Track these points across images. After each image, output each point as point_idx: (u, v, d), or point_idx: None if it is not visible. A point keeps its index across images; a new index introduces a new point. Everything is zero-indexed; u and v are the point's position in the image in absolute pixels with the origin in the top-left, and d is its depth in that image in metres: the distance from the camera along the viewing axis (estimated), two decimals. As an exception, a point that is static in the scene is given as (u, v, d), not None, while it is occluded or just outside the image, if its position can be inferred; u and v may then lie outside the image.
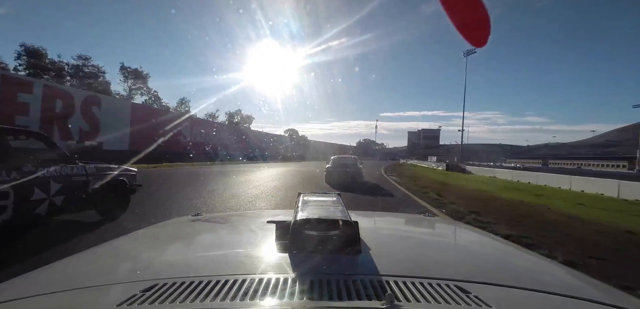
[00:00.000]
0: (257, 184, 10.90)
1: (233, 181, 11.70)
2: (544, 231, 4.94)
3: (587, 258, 3.61)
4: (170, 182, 10.82)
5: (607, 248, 4.16)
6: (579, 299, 0.63)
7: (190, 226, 1.25)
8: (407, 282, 0.62)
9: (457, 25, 0.78)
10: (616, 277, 3.02)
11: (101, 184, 4.37)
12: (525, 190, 12.01)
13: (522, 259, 0.98)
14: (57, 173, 3.74)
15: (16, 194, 3.22)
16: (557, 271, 0.87)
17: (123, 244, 1.03)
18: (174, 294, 0.57)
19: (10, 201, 3.16)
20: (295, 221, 0.80)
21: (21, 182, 3.28)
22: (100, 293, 0.62)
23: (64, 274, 0.77)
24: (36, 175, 3.44)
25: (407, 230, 1.34)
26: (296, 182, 12.41)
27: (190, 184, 10.29)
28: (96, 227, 4.09)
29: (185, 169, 17.96)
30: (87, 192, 4.16)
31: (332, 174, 11.25)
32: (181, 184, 10.45)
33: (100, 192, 4.34)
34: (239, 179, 12.48)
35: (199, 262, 0.83)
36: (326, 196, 1.16)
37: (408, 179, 15.21)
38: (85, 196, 4.13)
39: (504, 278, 0.73)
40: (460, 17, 0.80)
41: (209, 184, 10.43)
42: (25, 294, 0.62)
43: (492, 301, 0.56)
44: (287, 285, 0.60)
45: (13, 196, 3.18)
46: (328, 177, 11.33)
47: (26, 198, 3.36)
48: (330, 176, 11.28)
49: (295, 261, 0.72)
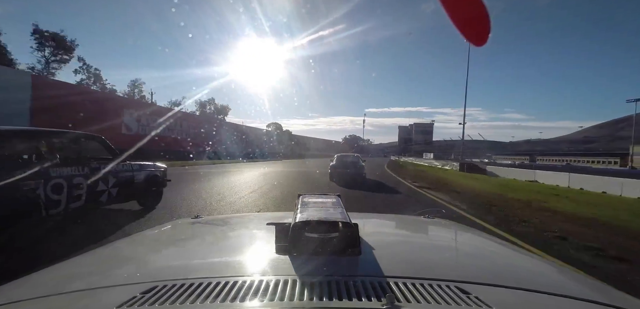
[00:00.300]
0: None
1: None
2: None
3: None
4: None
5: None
6: (580, 300, 0.63)
7: (190, 228, 1.23)
8: (407, 283, 0.62)
9: (457, 23, 0.76)
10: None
11: (142, 179, 5.20)
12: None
13: (523, 260, 0.98)
14: (112, 169, 4.46)
15: (88, 187, 3.97)
16: (557, 273, 0.87)
17: (123, 246, 1.04)
18: (174, 296, 0.57)
19: (84, 192, 3.92)
20: (295, 223, 0.78)
21: (92, 177, 4.04)
22: (100, 295, 0.62)
23: (64, 277, 0.77)
24: (101, 171, 4.22)
25: (407, 231, 1.31)
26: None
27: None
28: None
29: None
30: (132, 185, 4.98)
31: (336, 169, 11.65)
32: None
33: (141, 186, 5.19)
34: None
35: (199, 264, 0.82)
36: (326, 198, 1.12)
37: (440, 191, 10.15)
38: (131, 189, 4.96)
39: (504, 279, 0.72)
40: (460, 15, 0.78)
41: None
42: (25, 297, 0.62)
43: (492, 302, 0.56)
44: (287, 286, 0.59)
45: (85, 188, 3.94)
46: (332, 174, 11.70)
47: (94, 189, 4.12)
48: (334, 171, 11.65)
49: (295, 262, 0.72)
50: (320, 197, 1.13)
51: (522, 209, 7.39)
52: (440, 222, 1.40)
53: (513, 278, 0.76)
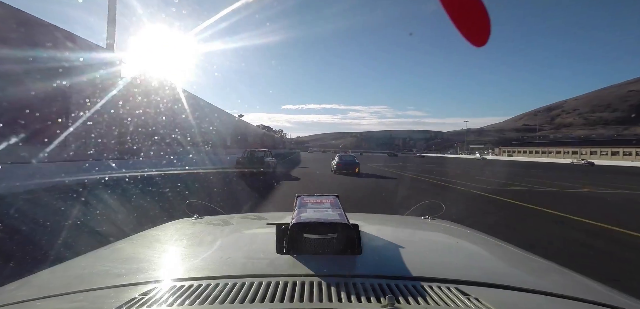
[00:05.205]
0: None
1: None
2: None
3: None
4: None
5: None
6: (580, 302, 0.63)
7: (191, 228, 1.22)
8: (407, 284, 0.62)
9: (457, 24, 0.75)
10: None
11: (274, 161, 18.20)
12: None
13: (523, 261, 0.98)
14: (271, 157, 17.80)
15: (271, 161, 17.35)
16: (557, 273, 0.87)
17: (123, 246, 1.03)
18: (174, 296, 0.57)
19: (272, 160, 17.59)
20: (294, 224, 0.77)
21: (271, 159, 17.31)
22: (100, 296, 0.61)
23: (64, 278, 0.77)
24: (270, 158, 17.35)
25: (407, 232, 1.28)
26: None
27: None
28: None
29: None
30: (272, 164, 17.11)
31: (339, 164, 16.97)
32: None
33: (274, 164, 17.67)
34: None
35: (199, 264, 0.80)
36: (324, 198, 1.10)
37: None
38: (272, 166, 17.06)
39: (505, 280, 0.71)
40: (460, 16, 0.78)
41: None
42: (24, 298, 0.62)
43: (492, 303, 0.56)
44: (287, 287, 0.59)
45: (272, 159, 17.84)
46: (336, 169, 16.79)
47: (272, 162, 17.64)
48: (337, 168, 16.80)
49: (295, 263, 0.72)
50: (318, 198, 1.12)
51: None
52: (440, 222, 1.40)
53: (513, 279, 0.76)
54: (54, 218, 4.71)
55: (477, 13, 0.74)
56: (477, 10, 0.73)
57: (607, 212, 7.14)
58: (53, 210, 5.49)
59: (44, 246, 3.46)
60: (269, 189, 10.02)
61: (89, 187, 8.01)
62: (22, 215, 5.10)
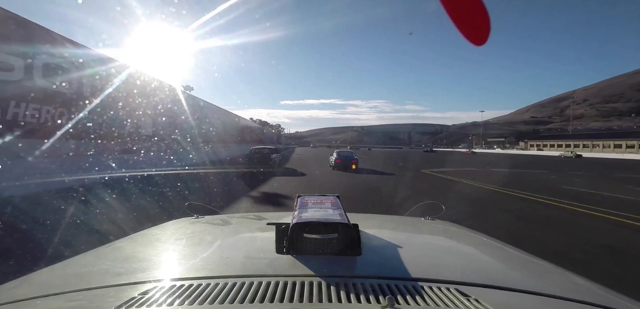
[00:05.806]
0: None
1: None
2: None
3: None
4: None
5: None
6: (580, 303, 0.63)
7: (191, 228, 1.22)
8: (407, 284, 0.62)
9: (457, 23, 0.75)
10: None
11: (278, 157, 17.38)
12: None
13: (523, 262, 0.98)
14: (276, 153, 16.84)
15: (276, 157, 16.49)
16: (557, 275, 0.87)
17: (123, 246, 1.03)
18: (173, 296, 0.56)
19: (277, 157, 16.87)
20: (294, 224, 0.77)
21: (276, 154, 16.80)
22: (99, 296, 0.61)
23: (63, 276, 0.76)
24: (275, 154, 16.41)
25: (407, 232, 1.29)
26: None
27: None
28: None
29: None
30: (277, 160, 16.51)
31: (338, 159, 16.77)
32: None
33: (278, 161, 17.06)
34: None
35: (198, 264, 0.80)
36: (325, 198, 1.11)
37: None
38: (278, 161, 17.00)
39: (505, 281, 0.71)
40: (460, 15, 0.77)
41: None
42: (24, 297, 0.62)
43: (492, 305, 0.56)
44: (287, 287, 0.59)
45: (277, 156, 17.03)
46: (335, 165, 16.77)
47: (277, 159, 17.08)
48: (335, 164, 16.77)
49: (295, 263, 0.71)
50: (319, 198, 1.11)
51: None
52: (440, 223, 1.39)
53: (513, 280, 0.76)
54: (54, 217, 4.75)
55: (477, 12, 0.73)
56: (477, 10, 0.73)
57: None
58: (53, 209, 5.51)
59: (44, 244, 3.51)
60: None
61: (89, 187, 8.01)
62: (21, 214, 5.14)
